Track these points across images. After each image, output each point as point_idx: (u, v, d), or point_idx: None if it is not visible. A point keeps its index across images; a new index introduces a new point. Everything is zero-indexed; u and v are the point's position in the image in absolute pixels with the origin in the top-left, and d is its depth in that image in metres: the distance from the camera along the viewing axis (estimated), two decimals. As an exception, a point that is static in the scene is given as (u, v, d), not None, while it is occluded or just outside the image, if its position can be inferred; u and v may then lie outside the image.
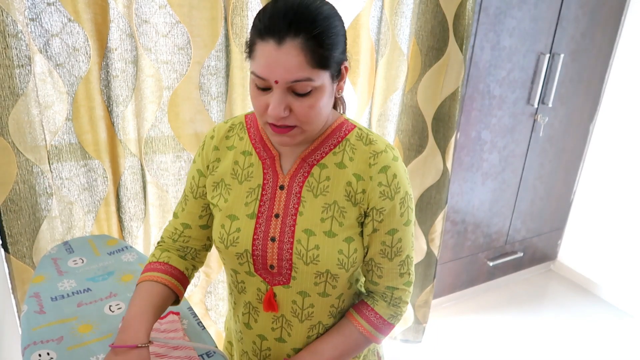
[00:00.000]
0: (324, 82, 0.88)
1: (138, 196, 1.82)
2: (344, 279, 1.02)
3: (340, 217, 0.98)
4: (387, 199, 0.97)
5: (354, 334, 1.04)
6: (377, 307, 1.05)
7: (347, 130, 1.01)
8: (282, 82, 0.85)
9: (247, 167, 1.03)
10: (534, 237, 3.24)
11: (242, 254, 1.02)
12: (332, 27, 0.87)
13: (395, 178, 0.98)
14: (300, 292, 1.02)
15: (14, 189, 1.54)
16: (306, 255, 0.97)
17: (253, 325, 1.11)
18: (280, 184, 1.01)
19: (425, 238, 2.47)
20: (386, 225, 0.99)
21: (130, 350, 0.92)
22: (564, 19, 2.57)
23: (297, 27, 0.83)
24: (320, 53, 0.85)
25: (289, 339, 1.08)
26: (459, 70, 2.14)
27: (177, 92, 1.77)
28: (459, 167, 2.59)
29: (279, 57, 0.83)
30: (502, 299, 3.13)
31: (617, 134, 2.98)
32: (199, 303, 2.13)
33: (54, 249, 1.42)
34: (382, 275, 1.04)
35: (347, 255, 0.98)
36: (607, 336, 2.85)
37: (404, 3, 2.03)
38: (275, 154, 1.02)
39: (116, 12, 1.55)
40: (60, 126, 1.63)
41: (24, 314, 1.15)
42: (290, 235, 0.98)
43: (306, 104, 0.88)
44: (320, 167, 0.99)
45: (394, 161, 0.98)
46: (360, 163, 0.98)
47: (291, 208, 0.99)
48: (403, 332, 2.69)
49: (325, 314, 1.06)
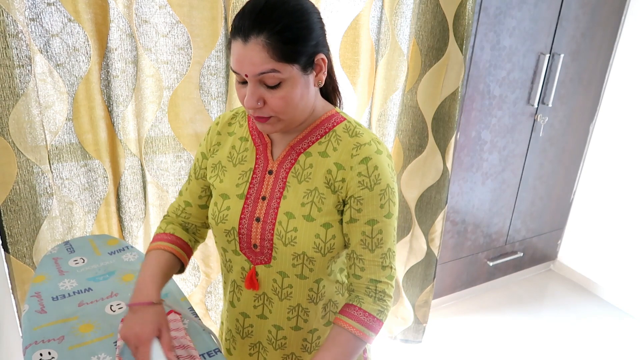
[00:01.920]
0: (293, 74, 0.94)
1: (138, 196, 1.82)
2: (321, 264, 1.07)
3: (319, 203, 1.03)
4: (366, 189, 1.01)
5: (348, 338, 1.03)
6: (364, 305, 1.05)
7: (335, 122, 1.07)
8: (251, 76, 0.93)
9: (242, 152, 1.11)
10: (534, 237, 3.24)
11: (230, 231, 1.09)
12: (300, 21, 0.93)
13: (376, 170, 1.01)
14: (279, 272, 1.08)
15: (14, 189, 1.54)
16: (285, 237, 1.03)
17: (236, 303, 1.18)
18: (269, 169, 1.08)
19: (425, 238, 2.47)
20: (365, 215, 1.02)
21: (146, 307, 1.03)
22: (564, 19, 2.57)
23: (259, 25, 0.89)
24: (284, 48, 0.91)
25: (270, 315, 1.14)
26: (459, 70, 2.14)
27: (177, 92, 1.77)
28: (459, 167, 2.59)
29: (246, 53, 0.91)
30: (502, 299, 3.13)
31: (617, 134, 2.98)
32: (199, 303, 2.13)
33: (55, 248, 1.42)
34: (365, 267, 1.05)
35: (324, 240, 1.03)
36: (607, 336, 2.85)
37: (404, 3, 2.04)
38: (268, 142, 1.10)
39: (116, 12, 1.55)
40: (61, 126, 1.63)
41: (25, 314, 1.15)
42: (273, 216, 1.05)
43: (277, 96, 0.95)
44: (306, 155, 1.06)
45: (377, 154, 1.02)
46: (343, 153, 1.03)
47: (277, 191, 1.06)
48: (403, 332, 2.69)
49: (304, 297, 1.11)
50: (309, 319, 1.15)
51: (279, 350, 1.18)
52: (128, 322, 1.02)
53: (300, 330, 1.16)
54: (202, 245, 2.02)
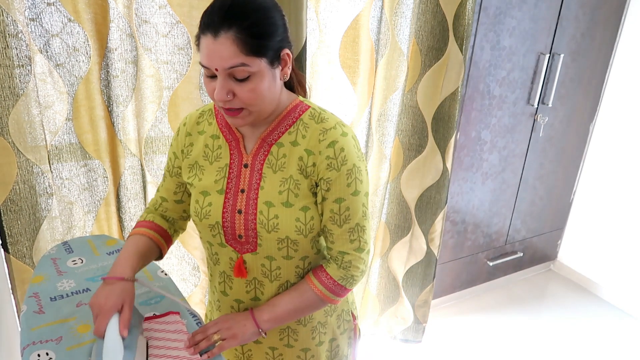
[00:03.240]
0: (261, 67, 0.99)
1: (138, 196, 1.82)
2: (304, 244, 1.14)
3: (295, 189, 1.10)
4: (334, 170, 1.08)
5: (308, 292, 1.16)
6: (329, 269, 1.16)
7: (301, 110, 1.13)
8: (221, 70, 0.97)
9: (216, 149, 1.16)
10: (534, 237, 3.24)
11: (214, 225, 1.14)
12: (266, 18, 0.98)
13: (342, 152, 1.08)
14: (267, 256, 1.14)
15: (14, 189, 1.54)
16: (267, 225, 1.09)
17: (229, 292, 1.23)
18: (245, 163, 1.13)
19: (425, 238, 2.47)
20: (333, 193, 1.09)
21: (116, 282, 1.09)
22: (564, 19, 2.57)
23: (229, 21, 0.94)
24: (252, 42, 0.96)
25: (262, 297, 1.20)
26: (458, 70, 2.14)
27: (177, 92, 1.77)
28: (459, 167, 2.59)
29: (216, 47, 0.95)
30: (502, 299, 3.13)
31: (617, 134, 2.98)
32: (199, 303, 2.13)
33: (54, 249, 1.42)
34: (334, 240, 1.14)
35: (304, 223, 1.10)
36: (607, 336, 2.85)
37: (403, 3, 2.03)
38: (239, 136, 1.14)
39: (116, 12, 1.55)
40: (61, 126, 1.63)
41: (23, 314, 1.15)
42: (253, 207, 1.10)
43: (246, 88, 0.99)
44: (278, 145, 1.11)
45: (342, 136, 1.09)
46: (311, 140, 1.09)
47: (254, 183, 1.12)
48: (403, 332, 2.70)
49: (292, 274, 1.18)
50: None
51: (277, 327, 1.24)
52: (97, 293, 1.08)
53: None
54: (202, 245, 2.02)
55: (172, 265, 2.03)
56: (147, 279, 1.30)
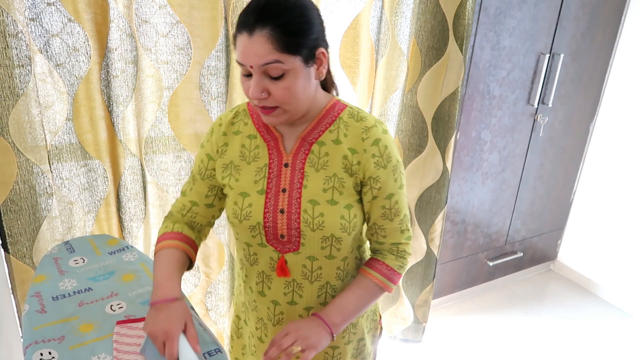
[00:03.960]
0: (295, 65, 1.00)
1: (138, 196, 1.82)
2: (347, 242, 1.14)
3: (340, 187, 1.11)
4: (382, 168, 1.11)
5: (371, 286, 1.17)
6: (387, 260, 1.19)
7: (339, 109, 1.14)
8: (256, 67, 0.98)
9: (253, 149, 1.15)
10: (534, 237, 3.24)
11: (255, 226, 1.13)
12: (300, 16, 0.99)
13: (386, 149, 1.11)
14: (309, 256, 1.14)
15: (14, 189, 1.54)
16: (312, 223, 1.09)
17: (267, 292, 1.21)
18: (285, 162, 1.13)
19: (425, 238, 2.47)
20: (384, 191, 1.13)
21: (171, 303, 1.07)
22: (564, 19, 2.57)
23: (264, 19, 0.96)
24: (287, 40, 0.97)
25: (300, 300, 1.19)
26: (458, 70, 2.14)
27: (177, 92, 1.77)
28: (459, 167, 2.59)
29: (251, 45, 0.97)
30: (502, 299, 3.13)
31: (617, 134, 2.98)
32: (199, 303, 2.13)
33: (55, 248, 1.42)
34: (386, 235, 1.18)
35: (348, 220, 1.11)
36: (607, 336, 2.85)
37: (404, 3, 2.04)
38: (278, 136, 1.14)
39: (116, 12, 1.55)
40: (61, 126, 1.63)
41: (25, 314, 1.15)
42: (297, 206, 1.10)
43: (281, 86, 1.00)
44: (319, 144, 1.12)
45: (383, 134, 1.12)
46: (354, 138, 1.11)
47: (296, 182, 1.11)
48: (403, 332, 2.69)
49: (333, 276, 1.18)
50: (336, 294, 1.21)
51: None
52: (153, 319, 1.04)
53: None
54: (202, 245, 2.02)
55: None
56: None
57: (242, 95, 1.82)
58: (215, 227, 2.01)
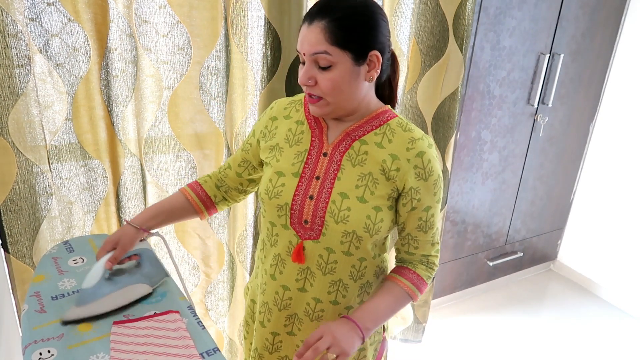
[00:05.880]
0: (344, 60, 1.04)
1: (138, 196, 1.82)
2: (367, 244, 1.15)
3: (372, 187, 1.12)
4: (422, 180, 1.13)
5: (401, 293, 1.19)
6: (418, 270, 1.21)
7: (389, 117, 1.17)
8: (307, 54, 1.05)
9: (298, 134, 1.20)
10: (534, 237, 3.24)
11: (283, 206, 1.17)
12: (359, 15, 1.04)
13: (429, 162, 1.13)
14: (327, 247, 1.16)
15: (14, 188, 1.54)
16: (338, 215, 1.12)
17: (278, 276, 1.23)
18: (324, 151, 1.16)
19: (425, 238, 2.46)
20: (423, 203, 1.15)
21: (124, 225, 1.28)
22: (564, 19, 2.57)
23: (323, 12, 1.03)
24: (339, 33, 1.02)
25: (310, 288, 1.20)
26: (458, 70, 2.14)
27: (177, 92, 1.77)
28: (459, 167, 2.59)
29: (307, 34, 1.05)
30: (502, 299, 3.13)
31: (617, 134, 2.98)
32: (199, 303, 2.13)
33: (54, 248, 1.42)
34: (418, 246, 1.21)
35: (374, 222, 1.12)
36: (607, 336, 2.85)
37: (404, 3, 2.04)
38: (324, 126, 1.19)
39: (116, 12, 1.55)
40: (60, 126, 1.63)
41: (24, 313, 1.15)
42: (327, 195, 1.13)
43: (327, 77, 1.05)
44: (360, 142, 1.15)
45: (429, 148, 1.14)
46: (398, 145, 1.13)
47: (331, 172, 1.14)
48: (403, 332, 2.69)
49: (346, 273, 1.19)
50: (348, 295, 1.21)
51: (315, 322, 1.23)
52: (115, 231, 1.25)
53: (337, 305, 1.21)
54: (202, 245, 2.02)
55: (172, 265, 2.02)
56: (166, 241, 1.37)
57: (242, 95, 1.82)
58: (215, 227, 2.01)
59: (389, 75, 1.20)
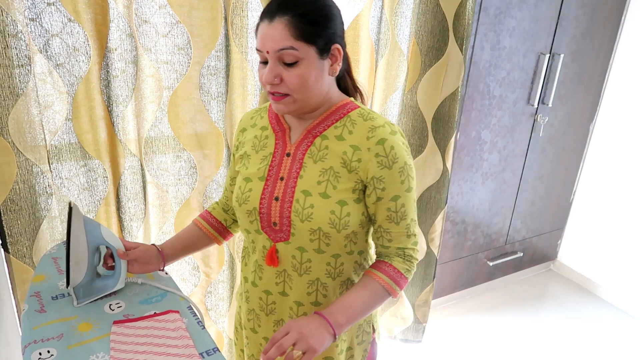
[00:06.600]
0: (309, 55, 1.03)
1: (138, 196, 1.82)
2: (337, 239, 1.12)
3: (334, 181, 1.10)
4: (386, 168, 1.09)
5: (377, 288, 1.14)
6: (394, 263, 1.16)
7: (350, 108, 1.15)
8: (272, 52, 1.02)
9: (263, 139, 1.20)
10: (534, 237, 3.24)
11: (252, 211, 1.16)
12: (320, 9, 1.03)
13: (392, 149, 1.08)
14: (298, 247, 1.14)
15: (14, 188, 1.54)
16: (302, 213, 1.10)
17: (258, 282, 1.24)
18: (287, 152, 1.16)
19: (425, 238, 2.47)
20: (389, 192, 1.10)
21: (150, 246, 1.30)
22: (564, 19, 2.57)
23: (285, 7, 1.01)
24: (304, 28, 1.01)
25: (290, 292, 1.20)
26: (458, 70, 2.14)
27: (177, 92, 1.77)
28: (459, 167, 2.59)
29: (269, 31, 1.02)
30: (502, 299, 3.13)
31: (617, 134, 2.98)
32: (199, 303, 2.13)
33: (54, 248, 1.42)
34: (392, 239, 1.16)
35: (339, 217, 1.09)
36: (607, 336, 2.85)
37: (404, 3, 2.04)
38: (287, 127, 1.18)
39: (116, 12, 1.55)
40: (60, 126, 1.63)
41: (24, 313, 1.15)
42: (290, 195, 1.12)
43: (294, 74, 1.03)
44: (322, 138, 1.13)
45: (391, 135, 1.10)
46: (359, 136, 1.10)
47: (293, 172, 1.13)
48: (403, 332, 2.70)
49: (323, 272, 1.17)
50: (328, 294, 1.20)
51: None
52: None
53: (319, 305, 1.20)
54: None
55: (172, 265, 2.02)
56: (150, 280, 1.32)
57: (242, 95, 1.82)
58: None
59: (345, 68, 1.18)
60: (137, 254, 1.24)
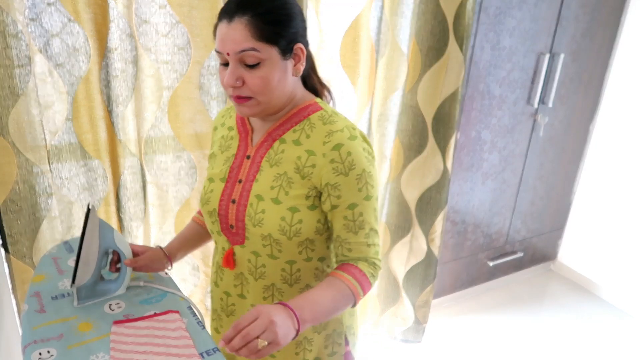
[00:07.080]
0: (272, 56, 0.99)
1: (138, 196, 1.82)
2: (289, 246, 1.09)
3: (287, 187, 1.07)
4: (341, 175, 1.04)
5: (343, 289, 1.06)
6: (360, 265, 1.10)
7: (311, 110, 1.10)
8: (232, 54, 0.98)
9: (228, 140, 1.19)
10: (534, 237, 3.24)
11: (212, 212, 1.16)
12: (281, 8, 0.99)
13: (349, 155, 1.03)
14: (253, 251, 1.13)
15: (14, 189, 1.54)
16: (254, 218, 1.08)
17: (220, 283, 1.25)
18: (248, 154, 1.14)
19: (425, 238, 2.47)
20: (345, 200, 1.05)
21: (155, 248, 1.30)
22: (564, 19, 2.57)
23: (244, 7, 0.97)
24: (265, 28, 0.97)
25: (248, 295, 1.20)
26: (459, 70, 2.14)
27: (177, 92, 1.77)
28: (459, 167, 2.59)
29: (229, 32, 0.97)
30: (502, 299, 3.13)
31: (617, 134, 2.98)
32: (199, 303, 2.13)
33: (54, 248, 1.42)
34: (352, 249, 1.10)
35: (290, 224, 1.06)
36: (607, 336, 2.85)
37: (404, 3, 2.04)
38: (250, 129, 1.16)
39: (116, 12, 1.55)
40: (60, 126, 1.63)
41: (24, 313, 1.15)
42: (245, 198, 1.10)
43: (256, 75, 0.99)
44: (280, 141, 1.10)
45: (349, 140, 1.04)
46: (315, 141, 1.06)
47: (250, 175, 1.11)
48: (403, 332, 2.69)
49: (278, 277, 1.15)
50: (285, 300, 1.16)
51: None
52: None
53: None
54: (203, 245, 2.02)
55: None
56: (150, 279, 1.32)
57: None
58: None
59: (310, 66, 1.14)
60: (145, 261, 1.25)
